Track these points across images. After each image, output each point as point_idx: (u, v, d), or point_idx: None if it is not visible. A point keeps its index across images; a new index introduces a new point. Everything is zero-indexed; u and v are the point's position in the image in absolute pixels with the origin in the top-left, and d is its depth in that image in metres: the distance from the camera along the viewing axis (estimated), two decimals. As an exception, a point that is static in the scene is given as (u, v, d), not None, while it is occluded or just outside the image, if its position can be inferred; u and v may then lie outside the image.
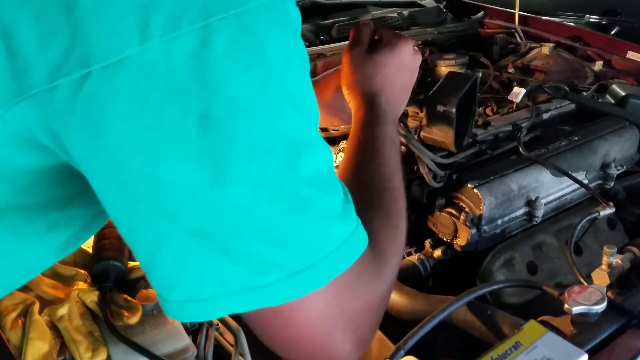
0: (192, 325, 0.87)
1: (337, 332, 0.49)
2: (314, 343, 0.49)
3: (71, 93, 0.40)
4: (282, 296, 0.45)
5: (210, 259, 0.42)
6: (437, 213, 1.10)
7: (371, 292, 0.52)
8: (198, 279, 0.43)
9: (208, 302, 0.44)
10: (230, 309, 0.44)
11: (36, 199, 0.50)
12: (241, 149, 0.41)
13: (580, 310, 0.74)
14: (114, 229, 0.89)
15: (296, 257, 0.44)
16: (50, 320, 0.76)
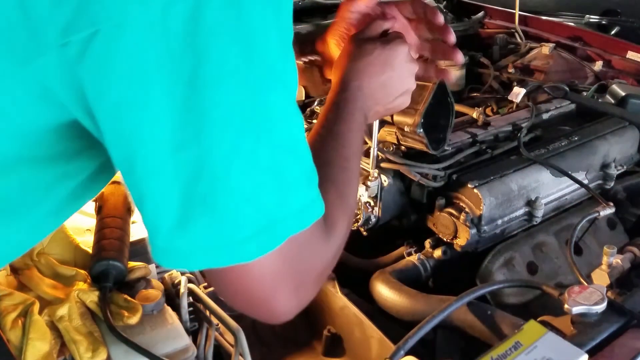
0: (192, 325, 0.87)
1: (283, 290, 0.53)
2: (260, 296, 0.53)
3: (81, 49, 0.43)
4: (251, 253, 0.48)
5: (189, 210, 0.46)
6: (437, 213, 1.10)
7: (319, 257, 0.57)
8: (177, 228, 0.47)
9: (185, 253, 0.48)
10: (203, 262, 0.49)
11: (46, 152, 0.53)
12: (223, 112, 0.45)
13: (580, 311, 0.74)
14: (113, 229, 0.89)
15: (262, 216, 0.48)
16: (50, 320, 0.76)
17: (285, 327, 1.13)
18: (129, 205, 0.98)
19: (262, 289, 0.52)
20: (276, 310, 0.54)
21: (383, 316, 1.02)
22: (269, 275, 0.51)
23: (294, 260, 0.52)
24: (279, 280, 0.52)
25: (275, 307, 0.54)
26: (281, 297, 0.53)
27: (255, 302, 0.54)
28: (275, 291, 0.53)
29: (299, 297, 0.55)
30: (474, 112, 1.29)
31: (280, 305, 0.54)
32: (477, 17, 2.03)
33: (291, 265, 0.52)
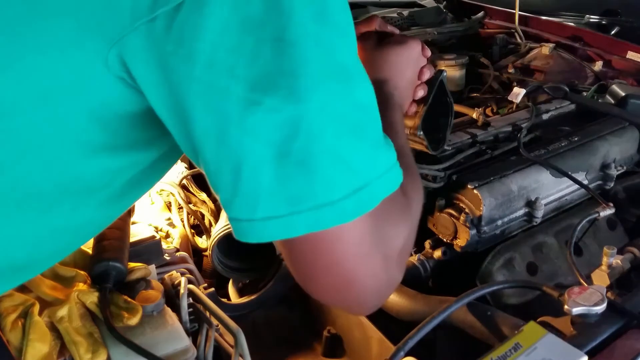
0: (192, 326, 0.87)
1: (372, 260, 0.51)
2: (351, 270, 0.51)
3: (168, 21, 0.45)
4: (348, 214, 0.48)
5: (287, 171, 0.46)
6: (437, 214, 1.10)
7: (401, 230, 0.56)
8: (278, 193, 0.47)
9: (285, 219, 0.47)
10: (303, 227, 0.48)
11: (123, 140, 0.55)
12: (310, 70, 0.46)
13: (580, 311, 0.74)
14: (113, 230, 0.89)
15: (355, 176, 0.48)
16: (50, 321, 0.76)
17: (285, 327, 1.13)
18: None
19: (351, 261, 0.50)
20: (367, 288, 0.52)
21: (383, 316, 1.02)
22: (358, 244, 0.50)
23: (381, 228, 0.52)
24: (368, 251, 0.51)
25: (366, 283, 0.52)
26: (371, 271, 0.52)
27: (342, 280, 0.51)
28: (365, 264, 0.51)
29: (388, 273, 0.54)
30: (474, 113, 1.29)
31: (371, 282, 0.52)
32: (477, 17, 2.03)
33: (378, 236, 0.51)
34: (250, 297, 1.11)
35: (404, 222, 0.56)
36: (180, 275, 0.92)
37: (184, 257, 1.08)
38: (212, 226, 1.23)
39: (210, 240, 1.09)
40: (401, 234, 0.56)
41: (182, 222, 1.23)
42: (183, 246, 1.15)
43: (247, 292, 1.16)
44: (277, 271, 1.12)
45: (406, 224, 0.57)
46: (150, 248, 0.97)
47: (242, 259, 1.16)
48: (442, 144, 1.11)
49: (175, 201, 1.25)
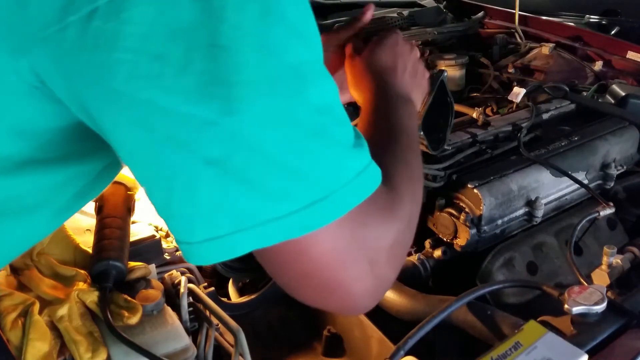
0: (192, 325, 0.87)
1: (353, 265, 0.49)
2: (329, 277, 0.48)
3: (81, 30, 0.41)
4: (301, 227, 0.44)
5: (226, 189, 0.42)
6: (437, 213, 1.10)
7: (386, 229, 0.52)
8: (216, 212, 0.43)
9: (228, 238, 0.44)
10: (250, 244, 0.44)
11: (57, 153, 0.52)
12: (249, 76, 0.42)
13: (581, 311, 0.74)
14: (114, 229, 0.89)
15: (312, 187, 0.44)
16: (50, 320, 0.76)
17: (285, 327, 1.13)
18: (129, 205, 0.98)
19: (328, 269, 0.48)
20: (352, 293, 0.50)
21: (383, 316, 1.02)
22: (333, 252, 0.47)
23: (358, 234, 0.48)
24: (346, 257, 0.48)
25: (350, 288, 0.49)
26: (354, 275, 0.49)
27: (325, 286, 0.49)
28: (345, 270, 0.48)
29: (376, 276, 0.51)
30: (474, 112, 1.29)
31: (356, 286, 0.49)
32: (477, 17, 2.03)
33: (356, 240, 0.48)
34: (250, 296, 1.11)
35: (389, 220, 0.53)
36: (180, 275, 0.92)
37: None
38: (212, 226, 1.23)
39: (210, 240, 1.09)
40: (387, 233, 0.53)
41: (182, 221, 1.23)
42: (183, 246, 1.15)
43: (247, 291, 1.15)
44: (277, 271, 1.12)
45: (393, 221, 0.53)
46: (151, 247, 0.97)
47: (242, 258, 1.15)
48: (442, 144, 1.11)
49: (175, 201, 1.25)
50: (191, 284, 0.90)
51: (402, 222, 0.55)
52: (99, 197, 0.98)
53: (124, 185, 1.01)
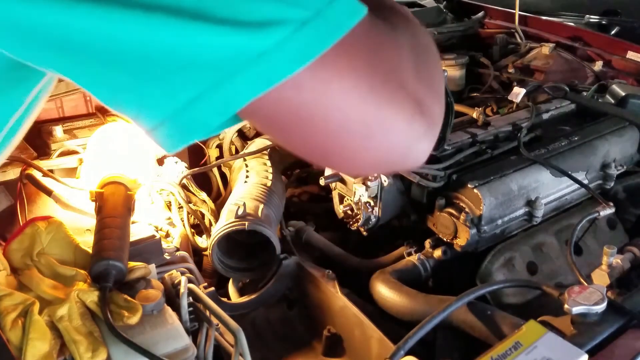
0: (192, 325, 0.87)
1: (382, 97, 0.40)
2: (360, 117, 0.39)
3: None
4: (301, 56, 0.36)
5: (188, 29, 0.34)
6: (437, 213, 1.10)
7: (395, 44, 0.43)
8: (185, 62, 0.35)
9: (215, 91, 0.36)
10: (239, 97, 0.36)
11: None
12: None
13: (581, 311, 0.74)
14: (113, 229, 0.89)
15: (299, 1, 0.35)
16: (50, 320, 0.76)
17: (285, 327, 1.13)
18: (129, 205, 0.98)
19: (354, 111, 0.39)
20: (397, 130, 0.41)
21: (383, 316, 1.02)
22: (352, 85, 0.38)
23: (368, 57, 0.39)
24: (368, 90, 0.39)
25: (391, 125, 0.40)
26: (388, 109, 0.40)
27: (360, 137, 0.40)
28: (376, 104, 0.39)
29: (414, 100, 0.41)
30: (474, 112, 1.29)
31: (397, 120, 0.40)
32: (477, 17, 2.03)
33: (370, 65, 0.39)
34: (250, 296, 1.11)
35: (393, 35, 0.43)
36: (180, 275, 0.92)
37: (184, 257, 1.08)
38: (212, 225, 1.23)
39: (211, 240, 1.09)
40: (400, 49, 0.43)
41: (182, 221, 1.23)
42: (183, 245, 1.15)
43: (247, 291, 1.15)
44: (277, 271, 1.12)
45: (397, 36, 0.44)
46: (150, 247, 0.97)
47: (242, 258, 1.16)
48: (442, 144, 1.11)
49: (176, 200, 1.25)
50: (191, 284, 0.90)
51: (409, 33, 0.46)
52: (98, 196, 0.98)
53: (124, 185, 1.01)
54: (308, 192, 1.52)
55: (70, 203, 1.07)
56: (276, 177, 1.29)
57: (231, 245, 1.14)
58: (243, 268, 1.16)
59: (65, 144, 1.28)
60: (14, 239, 0.87)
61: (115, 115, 1.39)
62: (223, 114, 0.37)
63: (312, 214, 1.40)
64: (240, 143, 1.51)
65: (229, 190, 1.38)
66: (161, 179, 1.26)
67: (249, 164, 1.34)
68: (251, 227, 1.06)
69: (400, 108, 0.41)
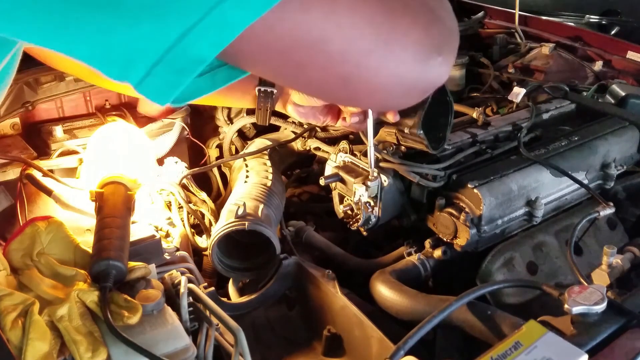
0: (192, 325, 0.87)
1: (393, 3, 0.37)
2: (376, 32, 0.36)
3: None
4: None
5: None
6: (437, 213, 1.10)
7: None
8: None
9: (202, 25, 0.33)
10: (236, 20, 0.33)
11: None
12: None
13: (581, 311, 0.74)
14: (113, 229, 0.89)
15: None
16: (50, 320, 0.76)
17: (285, 327, 1.13)
18: (129, 205, 0.98)
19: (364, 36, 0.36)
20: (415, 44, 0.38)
21: (383, 316, 1.02)
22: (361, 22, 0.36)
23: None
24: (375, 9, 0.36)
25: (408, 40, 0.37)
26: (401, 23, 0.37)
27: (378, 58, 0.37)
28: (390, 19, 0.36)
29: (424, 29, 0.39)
30: (474, 112, 1.29)
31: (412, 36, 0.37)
32: (477, 17, 2.03)
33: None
34: (250, 296, 1.11)
35: None
36: (180, 275, 0.92)
37: (184, 257, 1.08)
38: (212, 225, 1.23)
39: (211, 240, 1.09)
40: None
41: (182, 221, 1.23)
42: (183, 245, 1.15)
43: (247, 291, 1.15)
44: (277, 271, 1.12)
45: None
46: (150, 247, 0.97)
47: (242, 258, 1.16)
48: (442, 144, 1.11)
49: (176, 200, 1.25)
50: (191, 284, 0.90)
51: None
52: (99, 197, 0.98)
53: (124, 185, 1.01)
54: (308, 192, 1.52)
55: (70, 203, 1.07)
56: (276, 177, 1.29)
57: (231, 245, 1.14)
58: (243, 268, 1.16)
59: (65, 144, 1.28)
60: (14, 239, 0.87)
61: (115, 115, 1.39)
62: (218, 43, 0.33)
63: (312, 214, 1.40)
64: (240, 143, 1.51)
65: (229, 190, 1.38)
66: (161, 179, 1.26)
67: (249, 164, 1.34)
68: (251, 227, 1.06)
69: (416, 17, 0.38)
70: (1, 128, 1.29)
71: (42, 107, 1.36)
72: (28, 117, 1.35)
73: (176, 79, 0.35)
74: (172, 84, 0.35)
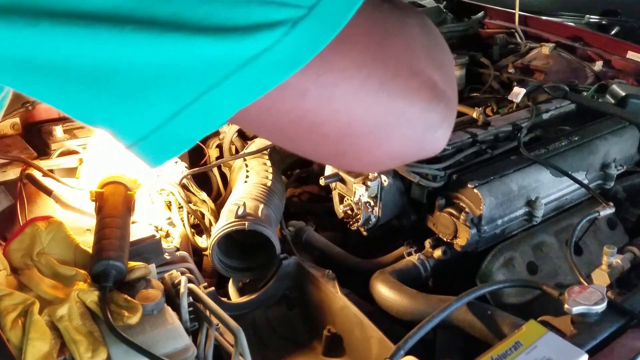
0: (192, 325, 0.87)
1: (389, 81, 0.36)
2: (373, 116, 0.36)
3: None
4: (293, 61, 0.32)
5: (162, 41, 0.30)
6: (437, 213, 1.10)
7: (403, 29, 0.39)
8: (162, 75, 0.31)
9: (191, 110, 0.32)
10: (224, 108, 0.32)
11: None
12: None
13: (581, 311, 0.74)
14: (113, 229, 0.89)
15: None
16: (50, 320, 0.76)
17: (285, 327, 1.13)
18: (129, 205, 0.98)
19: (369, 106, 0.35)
20: (410, 118, 0.37)
21: (383, 316, 1.02)
22: (360, 79, 0.35)
23: (376, 48, 0.36)
24: (378, 76, 0.35)
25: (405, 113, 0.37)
26: (400, 94, 0.36)
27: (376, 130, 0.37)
28: (383, 91, 0.35)
29: (426, 83, 0.38)
30: (474, 112, 1.29)
31: (413, 106, 0.37)
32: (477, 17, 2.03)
33: (377, 50, 0.36)
34: (250, 296, 1.11)
35: (401, 20, 0.39)
36: (180, 275, 0.92)
37: (184, 257, 1.08)
38: (212, 225, 1.23)
39: (211, 240, 1.09)
40: (409, 33, 0.39)
41: (182, 221, 1.23)
42: (183, 245, 1.15)
43: (247, 291, 1.15)
44: (277, 271, 1.12)
45: (407, 19, 0.40)
46: (150, 247, 0.97)
47: (242, 258, 1.16)
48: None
49: (176, 200, 1.25)
50: (191, 284, 0.90)
51: (415, 26, 0.41)
52: (99, 196, 0.98)
53: (124, 185, 1.01)
54: (308, 192, 1.52)
55: (70, 203, 1.07)
56: (276, 177, 1.29)
57: (231, 245, 1.14)
58: (243, 268, 1.16)
59: (65, 144, 1.28)
60: (14, 239, 0.87)
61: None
62: (207, 127, 0.34)
63: (312, 214, 1.40)
64: (240, 143, 1.51)
65: (229, 190, 1.38)
66: (161, 179, 1.26)
67: (249, 164, 1.34)
68: (251, 227, 1.06)
69: (415, 97, 0.38)
70: (1, 128, 1.29)
71: (42, 107, 1.36)
72: (28, 117, 1.35)
73: (165, 153, 0.34)
74: (161, 156, 0.35)
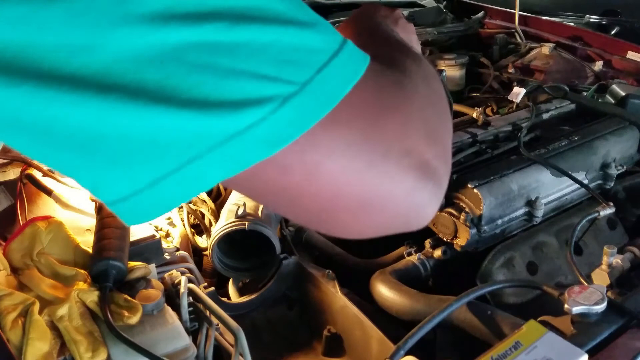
0: (192, 325, 0.87)
1: (378, 161, 0.36)
2: (358, 194, 0.36)
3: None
4: (279, 137, 0.32)
5: (147, 111, 0.30)
6: (437, 213, 1.10)
7: (401, 102, 0.39)
8: (145, 144, 0.31)
9: (173, 179, 0.32)
10: (205, 179, 0.32)
11: None
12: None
13: (581, 310, 0.74)
14: (113, 229, 0.89)
15: (288, 73, 0.31)
16: (50, 320, 0.76)
17: (285, 327, 1.13)
18: (129, 205, 0.98)
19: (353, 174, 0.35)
20: (395, 195, 0.37)
21: (383, 316, 1.02)
22: (348, 155, 0.34)
23: (369, 129, 0.36)
24: (367, 152, 0.35)
25: (391, 191, 0.37)
26: (390, 172, 0.36)
27: (363, 207, 0.37)
28: (370, 164, 0.35)
29: (417, 163, 0.38)
30: (474, 112, 1.29)
31: (400, 187, 0.37)
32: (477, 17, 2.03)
33: (370, 133, 0.36)
34: (250, 296, 1.11)
35: (401, 92, 0.40)
36: (180, 275, 0.92)
37: (184, 257, 1.08)
38: (212, 225, 1.23)
39: (211, 240, 1.09)
40: (407, 104, 0.39)
41: (182, 221, 1.23)
42: (183, 245, 1.15)
43: (247, 291, 1.15)
44: (277, 271, 1.12)
45: (398, 86, 0.40)
46: (151, 247, 0.97)
47: (242, 258, 1.16)
48: None
49: (175, 200, 1.25)
50: (191, 283, 0.90)
51: (417, 94, 0.42)
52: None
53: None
54: (308, 192, 1.52)
55: (70, 203, 1.07)
56: (276, 177, 1.29)
57: (231, 245, 1.14)
58: (243, 268, 1.16)
59: (65, 144, 1.28)
60: (14, 239, 0.87)
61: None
62: (186, 195, 0.34)
63: (312, 214, 1.40)
64: (240, 143, 1.51)
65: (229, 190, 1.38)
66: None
67: (249, 164, 1.34)
68: (251, 227, 1.06)
69: (404, 177, 0.37)
70: (1, 128, 1.29)
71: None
72: (28, 117, 1.34)
73: (144, 215, 0.34)
74: (139, 217, 0.35)
